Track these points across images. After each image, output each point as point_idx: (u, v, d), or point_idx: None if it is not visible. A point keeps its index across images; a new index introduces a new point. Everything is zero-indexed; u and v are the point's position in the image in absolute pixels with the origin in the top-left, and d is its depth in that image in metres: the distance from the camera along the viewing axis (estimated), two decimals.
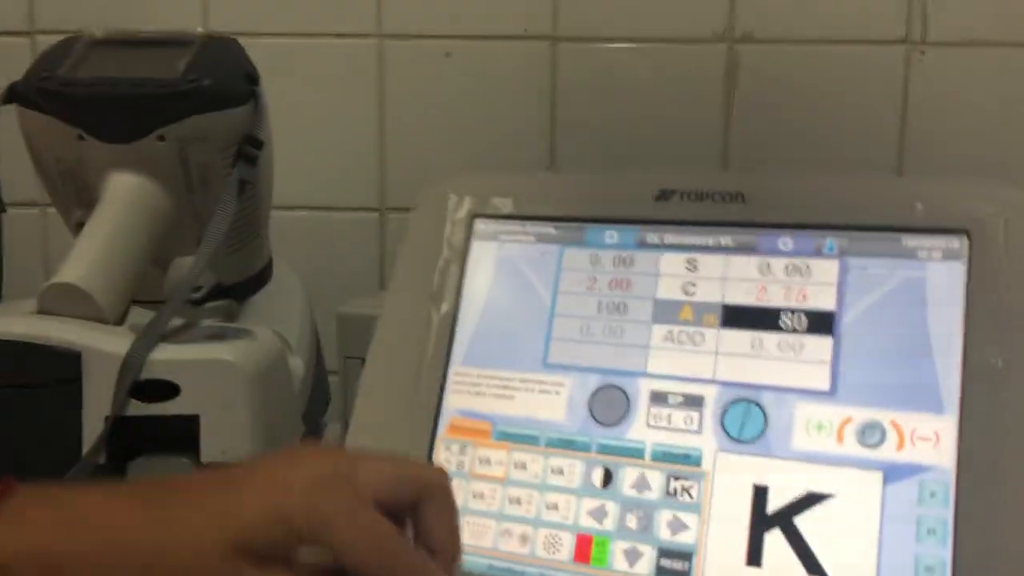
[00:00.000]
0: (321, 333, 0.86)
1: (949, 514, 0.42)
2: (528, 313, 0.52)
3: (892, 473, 0.43)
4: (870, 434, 0.44)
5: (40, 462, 0.60)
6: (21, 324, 0.62)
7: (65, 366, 0.60)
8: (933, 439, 0.43)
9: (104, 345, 0.61)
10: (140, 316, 0.67)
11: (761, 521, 0.44)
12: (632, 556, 0.46)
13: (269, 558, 0.36)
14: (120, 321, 0.66)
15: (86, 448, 0.61)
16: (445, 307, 0.52)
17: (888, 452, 0.43)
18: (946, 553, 0.41)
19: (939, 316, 0.44)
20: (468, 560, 0.48)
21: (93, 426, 0.61)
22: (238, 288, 0.79)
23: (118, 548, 0.35)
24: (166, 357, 0.61)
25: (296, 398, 0.71)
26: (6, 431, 0.60)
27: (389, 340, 0.53)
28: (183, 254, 0.71)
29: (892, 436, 0.43)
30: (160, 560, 0.35)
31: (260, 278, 0.81)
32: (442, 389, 0.52)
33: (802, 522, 0.44)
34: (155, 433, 0.62)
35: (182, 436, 0.61)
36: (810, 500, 0.44)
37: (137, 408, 0.61)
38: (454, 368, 0.52)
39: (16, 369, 0.60)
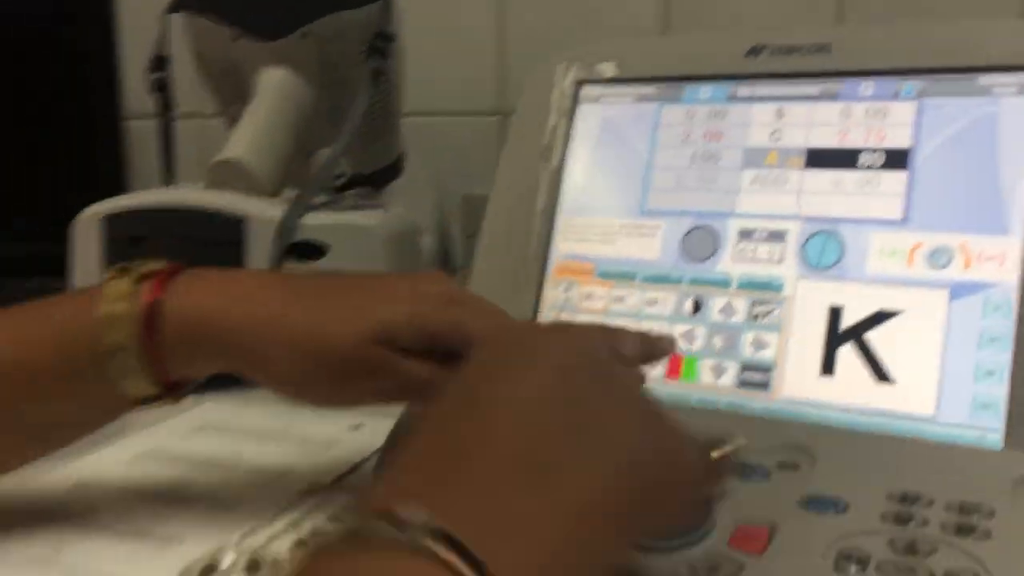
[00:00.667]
0: (448, 221, 0.94)
1: (1011, 324, 0.45)
2: (628, 166, 0.57)
3: (958, 291, 0.47)
4: (939, 257, 0.48)
5: None
6: (193, 195, 0.71)
7: (230, 230, 0.69)
8: (998, 259, 0.46)
9: (263, 212, 0.70)
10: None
11: (835, 337, 0.49)
12: (717, 371, 0.51)
13: (404, 346, 0.43)
14: (276, 195, 0.75)
15: None
16: (554, 163, 0.59)
17: (955, 272, 0.47)
18: (1006, 358, 0.45)
19: (1009, 147, 0.47)
20: None
21: None
22: (375, 177, 0.87)
23: (274, 324, 0.42)
24: (316, 222, 0.70)
25: (427, 269, 0.80)
26: None
27: (504, 194, 0.60)
28: (324, 147, 0.80)
29: (959, 258, 0.47)
30: (308, 340, 0.42)
31: (394, 168, 0.89)
32: (551, 235, 0.58)
33: (872, 336, 0.48)
34: None
35: None
36: (880, 317, 0.48)
37: (292, 268, 0.70)
38: (561, 217, 0.58)
39: (189, 233, 0.70)
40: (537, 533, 0.27)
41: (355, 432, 0.61)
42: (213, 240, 0.70)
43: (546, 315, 0.57)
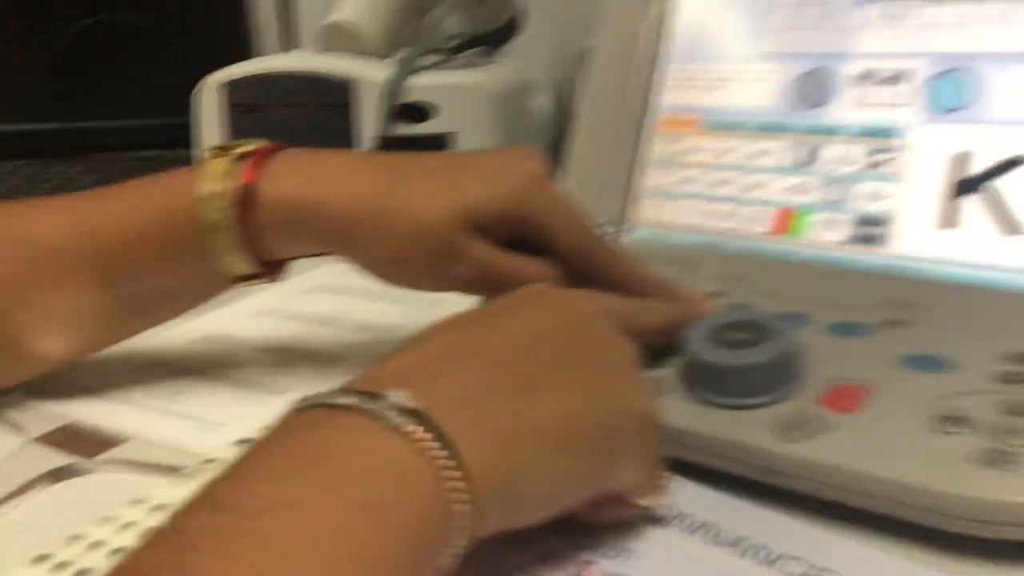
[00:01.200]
0: (568, 78, 0.91)
1: None
2: (740, 8, 0.53)
3: None
4: None
5: None
6: (305, 60, 0.72)
7: (339, 93, 0.70)
8: None
9: (369, 74, 0.70)
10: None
11: (960, 185, 0.45)
12: (829, 225, 0.48)
13: (487, 232, 0.42)
14: (387, 56, 0.74)
15: None
16: (658, 8, 0.55)
17: None
18: None
19: None
20: (673, 236, 0.53)
21: (365, 146, 0.71)
22: (491, 36, 0.85)
23: (361, 201, 0.42)
24: (424, 83, 0.69)
25: (541, 128, 0.78)
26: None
27: (610, 43, 0.57)
28: (436, 5, 0.78)
29: None
30: (399, 221, 0.42)
31: (511, 27, 0.87)
32: (655, 86, 0.55)
33: (1003, 185, 0.44)
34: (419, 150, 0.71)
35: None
36: (1014, 163, 0.44)
37: (401, 129, 0.70)
38: (668, 66, 0.55)
39: (303, 99, 0.71)
40: (509, 438, 0.30)
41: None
42: (324, 104, 0.70)
43: (648, 171, 0.55)
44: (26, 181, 0.94)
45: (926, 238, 0.45)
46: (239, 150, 0.44)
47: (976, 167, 0.44)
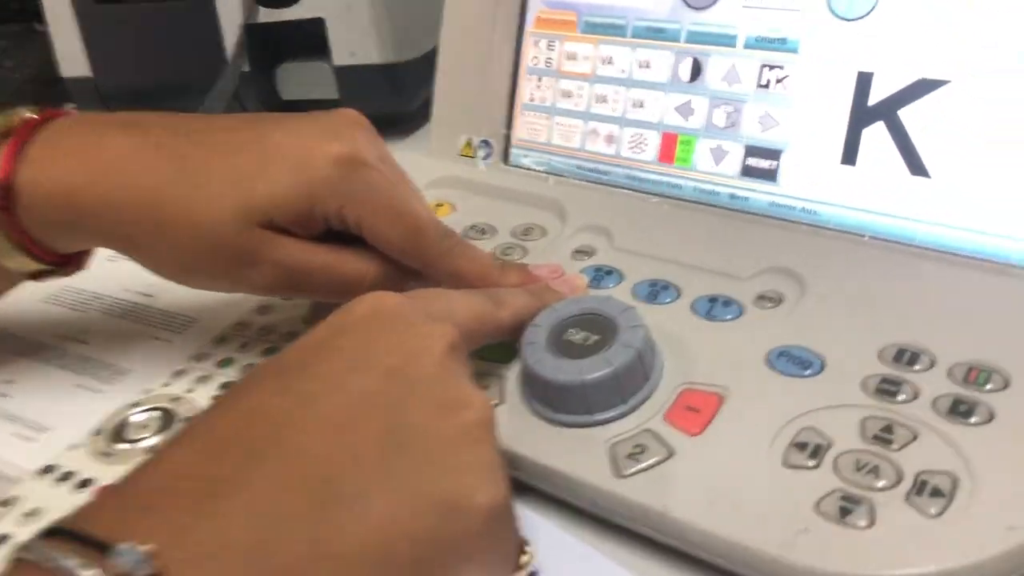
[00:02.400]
0: None
1: None
2: None
3: None
4: None
5: (192, 72, 0.64)
6: None
7: None
8: None
9: None
10: None
11: (861, 114, 0.38)
12: (718, 155, 0.42)
13: (288, 231, 0.35)
14: None
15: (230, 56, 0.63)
16: None
17: None
18: None
19: None
20: (555, 162, 0.46)
21: (232, 37, 0.62)
22: None
23: (137, 199, 0.35)
24: None
25: (429, 7, 0.68)
26: (155, 45, 0.63)
27: None
28: None
29: None
30: (179, 224, 0.35)
31: None
32: None
33: (908, 114, 0.37)
34: (290, 39, 0.63)
35: (314, 43, 0.62)
36: (922, 87, 0.36)
37: (267, 15, 0.61)
38: None
39: None
40: None
41: None
42: None
43: (525, 83, 0.47)
44: None
45: (824, 176, 0.39)
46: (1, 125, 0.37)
47: (880, 91, 0.37)
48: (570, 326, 0.34)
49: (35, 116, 0.37)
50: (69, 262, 0.39)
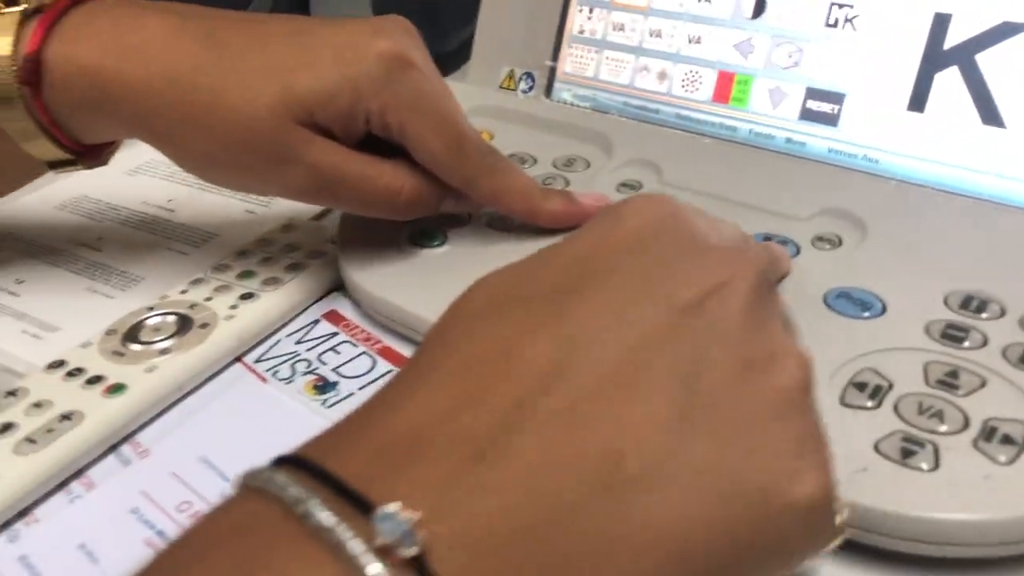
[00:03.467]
0: None
1: None
2: None
3: None
4: None
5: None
6: None
7: None
8: None
9: None
10: None
11: (935, 57, 0.36)
12: (776, 96, 0.40)
13: (327, 132, 0.33)
14: None
15: None
16: None
17: None
18: None
19: None
20: (601, 98, 0.44)
21: None
22: None
23: (167, 81, 0.33)
24: None
25: None
26: None
27: None
28: None
29: None
30: (210, 113, 0.33)
31: None
32: None
33: (986, 59, 0.35)
34: None
35: None
36: (1004, 31, 0.34)
37: None
38: None
39: None
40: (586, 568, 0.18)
41: None
42: None
43: (575, 13, 0.45)
44: None
45: (889, 123, 0.37)
46: (31, 3, 0.35)
47: (957, 35, 0.35)
48: None
49: None
50: (91, 153, 0.37)
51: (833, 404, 0.28)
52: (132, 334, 0.37)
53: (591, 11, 0.45)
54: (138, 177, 0.53)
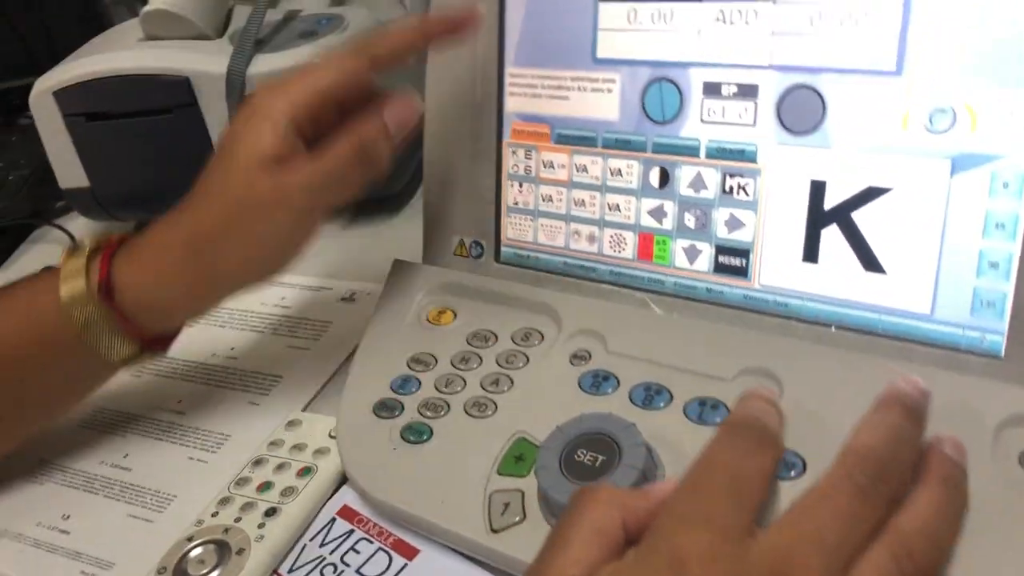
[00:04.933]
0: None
1: (1021, 206, 0.37)
2: (573, 3, 0.47)
3: (961, 162, 0.38)
4: (939, 119, 0.38)
5: (186, 177, 0.67)
6: (128, 58, 0.65)
7: (179, 92, 0.64)
8: (1011, 121, 0.37)
9: (207, 66, 0.63)
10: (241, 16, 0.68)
11: (818, 217, 0.42)
12: (692, 253, 0.46)
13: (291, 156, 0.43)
14: (221, 31, 0.67)
15: None
16: (489, 3, 0.49)
17: (958, 139, 0.38)
18: (1014, 248, 0.37)
19: None
20: (543, 259, 0.50)
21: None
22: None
23: (197, 225, 0.45)
24: (265, 69, 0.63)
25: (413, 77, 0.71)
26: (148, 155, 0.67)
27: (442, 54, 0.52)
28: None
29: (964, 119, 0.38)
30: (225, 220, 0.44)
31: None
32: (500, 92, 0.50)
33: (860, 217, 0.41)
34: None
35: None
36: (869, 194, 0.40)
37: None
38: (508, 69, 0.50)
39: (139, 103, 0.65)
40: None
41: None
42: (167, 105, 0.64)
43: (508, 187, 0.51)
44: None
45: (790, 272, 0.43)
46: (89, 248, 0.46)
47: (833, 197, 0.41)
48: (578, 446, 0.38)
49: (114, 239, 0.47)
50: (156, 345, 0.48)
51: None
52: (180, 569, 0.42)
53: (521, 185, 0.50)
54: (144, 378, 0.58)
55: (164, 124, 0.65)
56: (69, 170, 0.70)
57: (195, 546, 0.43)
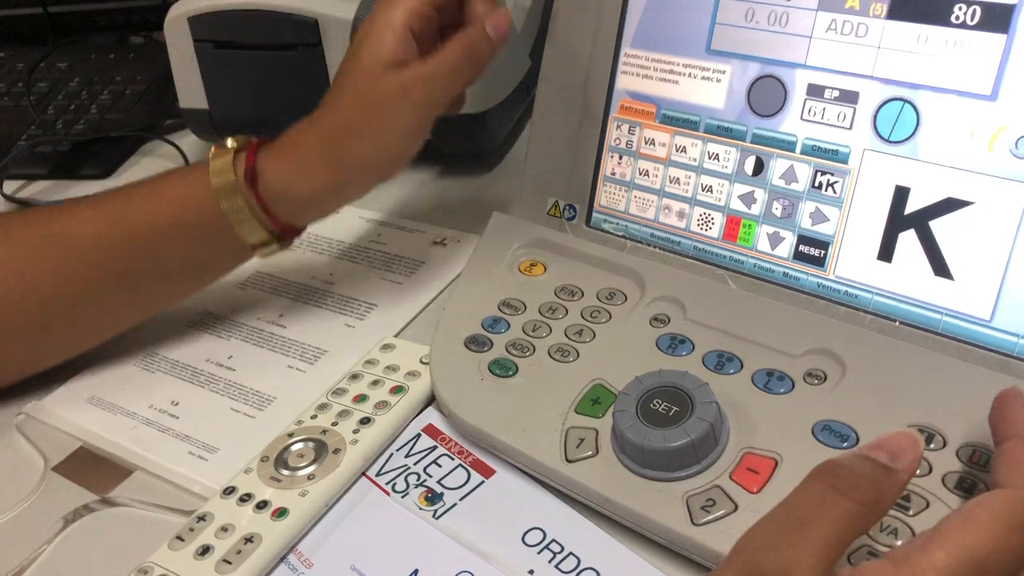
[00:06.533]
0: None
1: None
2: None
3: None
4: None
5: (303, 114, 0.72)
6: None
7: (306, 32, 0.68)
8: None
9: (336, 11, 0.68)
10: None
11: (898, 220, 0.46)
12: (775, 240, 0.50)
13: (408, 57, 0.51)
14: None
15: None
16: None
17: None
18: None
19: None
20: (632, 228, 0.54)
21: None
22: None
23: (332, 120, 0.52)
24: None
25: (518, 41, 0.75)
26: (268, 87, 0.71)
27: (567, 19, 0.55)
28: None
29: None
30: (353, 107, 0.52)
31: None
32: (614, 70, 0.54)
33: (937, 226, 0.44)
34: None
35: None
36: (949, 205, 0.44)
37: None
38: (624, 49, 0.54)
39: (268, 36, 0.70)
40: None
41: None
42: (294, 43, 0.69)
43: (607, 158, 0.55)
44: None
45: (864, 268, 0.47)
46: (235, 147, 0.53)
47: (915, 203, 0.45)
48: (654, 397, 0.43)
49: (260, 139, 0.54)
50: (287, 236, 0.55)
51: None
52: (282, 459, 0.48)
53: (620, 158, 0.55)
54: (248, 291, 0.64)
55: (287, 60, 0.70)
56: (191, 91, 0.75)
57: (295, 441, 0.48)
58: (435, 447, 0.49)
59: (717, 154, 0.51)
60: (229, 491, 0.46)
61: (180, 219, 0.52)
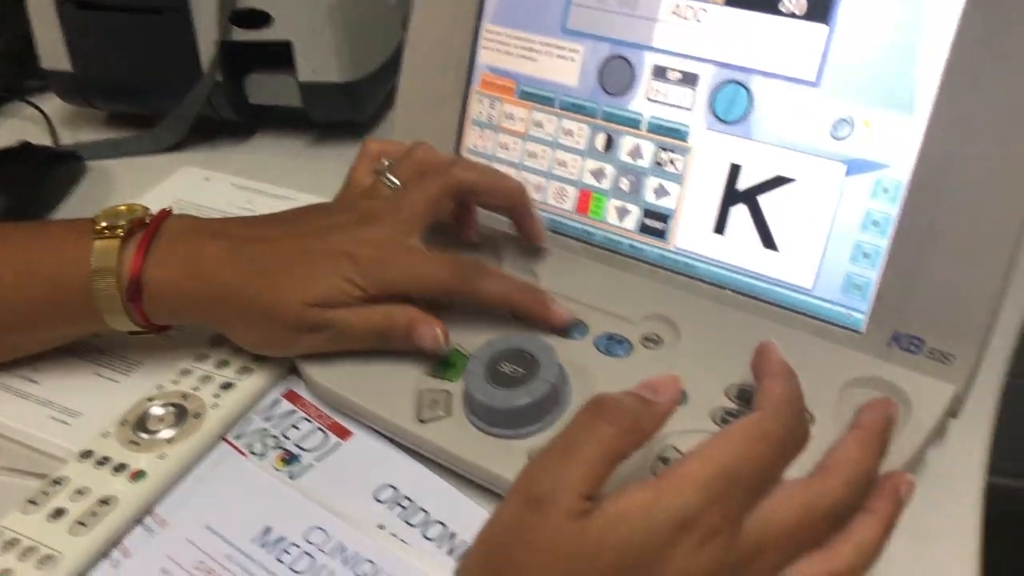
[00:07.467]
0: None
1: (895, 210, 0.45)
2: None
3: (854, 166, 0.46)
4: (842, 127, 0.46)
5: (167, 76, 0.71)
6: None
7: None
8: (898, 139, 0.44)
9: None
10: None
11: (731, 195, 0.49)
12: (622, 213, 0.52)
13: (339, 306, 0.47)
14: None
15: (205, 68, 0.71)
16: None
17: (854, 146, 0.45)
18: (883, 243, 0.45)
19: (934, 20, 0.43)
20: None
21: (207, 51, 0.70)
22: None
23: (232, 299, 0.47)
24: None
25: (392, 12, 0.76)
26: (133, 50, 0.71)
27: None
28: None
29: (861, 131, 0.45)
30: (260, 312, 0.47)
31: None
32: (475, 45, 0.56)
33: (765, 200, 0.48)
34: (260, 57, 0.71)
35: (281, 58, 0.70)
36: (776, 182, 0.48)
37: (240, 34, 0.69)
38: (485, 24, 0.56)
39: (135, 2, 0.68)
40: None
41: None
42: (160, 6, 0.68)
43: (470, 131, 0.57)
44: None
45: (700, 240, 0.50)
46: (123, 226, 0.48)
47: (746, 180, 0.48)
48: (503, 359, 0.45)
49: (151, 216, 0.49)
50: (160, 329, 0.51)
51: (645, 474, 0.41)
52: (141, 423, 0.48)
53: (482, 131, 0.57)
54: None
55: (153, 23, 0.69)
56: (53, 52, 0.73)
57: (155, 406, 0.49)
58: (294, 411, 0.50)
59: (571, 130, 0.53)
60: (86, 455, 0.47)
61: (48, 285, 0.49)
